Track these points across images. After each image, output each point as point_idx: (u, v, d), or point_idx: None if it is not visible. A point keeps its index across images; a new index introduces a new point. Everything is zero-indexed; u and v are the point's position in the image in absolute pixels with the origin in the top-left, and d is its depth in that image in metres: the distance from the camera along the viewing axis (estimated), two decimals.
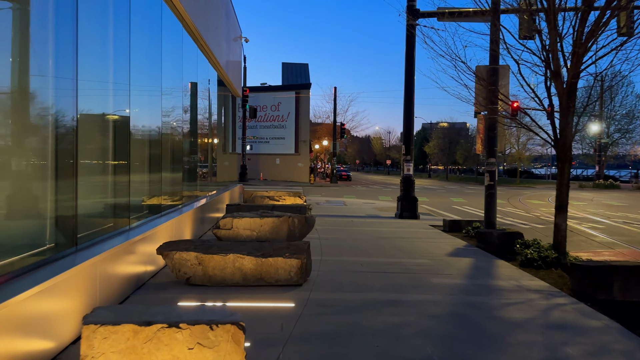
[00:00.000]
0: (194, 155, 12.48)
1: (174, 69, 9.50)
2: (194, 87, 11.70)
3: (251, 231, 9.72)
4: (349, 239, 10.78)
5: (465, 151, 67.43)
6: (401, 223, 14.42)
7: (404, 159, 16.13)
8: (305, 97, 44.31)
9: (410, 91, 15.90)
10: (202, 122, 13.30)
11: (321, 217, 15.24)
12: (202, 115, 12.87)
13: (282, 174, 44.72)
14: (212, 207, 12.29)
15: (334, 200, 22.64)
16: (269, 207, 12.80)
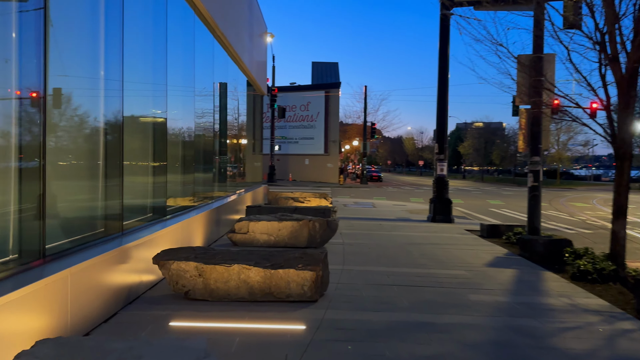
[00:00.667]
0: (215, 156, 11.83)
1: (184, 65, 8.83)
2: (217, 86, 11.06)
3: (268, 236, 8.95)
4: (375, 245, 9.86)
5: (502, 151, 65.11)
6: (434, 227, 13.38)
7: (437, 159, 15.07)
8: (334, 96, 43.46)
9: (443, 86, 14.83)
10: (223, 122, 12.65)
11: (347, 219, 14.36)
12: (220, 114, 12.21)
13: (311, 174, 44.01)
14: (231, 209, 11.59)
15: (363, 202, 21.70)
16: (291, 209, 12.03)
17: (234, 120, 14.62)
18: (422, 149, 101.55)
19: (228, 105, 13.74)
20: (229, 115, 13.93)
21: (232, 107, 14.37)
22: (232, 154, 14.33)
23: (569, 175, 76.15)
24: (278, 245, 8.99)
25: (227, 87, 13.21)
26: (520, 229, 11.66)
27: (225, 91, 12.95)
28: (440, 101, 14.89)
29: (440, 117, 14.97)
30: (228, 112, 13.76)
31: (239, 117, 15.40)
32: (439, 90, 14.86)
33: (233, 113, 14.55)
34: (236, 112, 14.99)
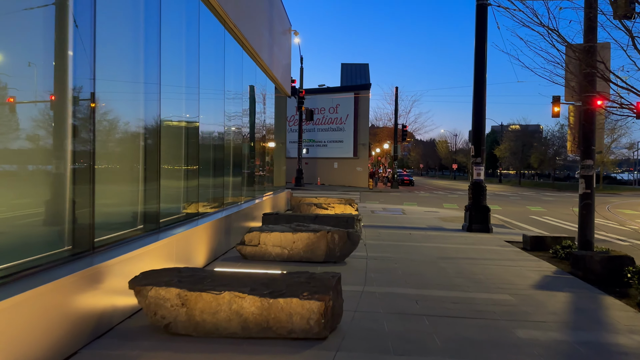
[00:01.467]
0: (235, 160, 10.97)
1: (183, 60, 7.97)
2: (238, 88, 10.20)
3: (281, 248, 7.96)
4: (403, 260, 8.73)
5: (540, 154, 62.39)
6: (470, 238, 12.11)
7: (474, 162, 13.78)
8: (364, 98, 42.31)
9: (480, 82, 13.54)
10: (243, 125, 11.80)
11: (374, 228, 13.24)
12: (240, 117, 11.33)
13: (340, 178, 42.96)
14: (246, 216, 10.68)
15: (392, 208, 20.48)
16: (311, 217, 11.03)
17: (256, 123, 13.76)
18: (455, 152, 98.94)
19: (248, 108, 12.90)
20: (249, 118, 13.09)
21: (254, 109, 13.52)
22: (254, 158, 13.47)
23: (612, 179, 72.46)
24: (292, 260, 7.99)
25: (248, 88, 12.36)
26: (569, 241, 10.30)
27: (244, 93, 12.10)
28: (477, 99, 13.61)
29: (477, 117, 13.68)
30: (249, 115, 12.91)
31: (262, 120, 14.54)
32: (475, 87, 13.59)
33: (255, 116, 13.70)
34: (258, 115, 14.13)
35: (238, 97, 11.22)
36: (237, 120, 11.62)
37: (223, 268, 7.34)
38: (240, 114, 11.84)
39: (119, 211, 5.75)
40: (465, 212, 13.86)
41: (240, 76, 11.43)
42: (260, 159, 14.50)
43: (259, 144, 14.39)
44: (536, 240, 10.82)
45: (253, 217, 11.24)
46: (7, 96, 3.98)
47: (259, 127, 14.38)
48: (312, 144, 44.39)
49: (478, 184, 13.65)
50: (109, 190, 5.45)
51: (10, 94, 4.01)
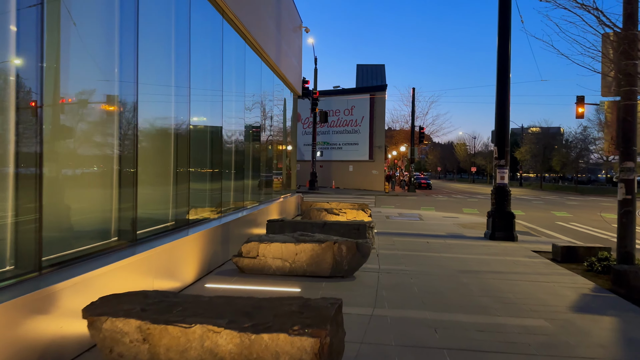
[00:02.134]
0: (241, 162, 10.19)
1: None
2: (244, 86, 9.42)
3: (283, 261, 7.10)
4: (420, 274, 7.79)
5: (563, 157, 60.56)
6: (493, 247, 11.10)
7: (497, 164, 12.74)
8: (380, 99, 41.33)
9: (504, 78, 12.52)
10: (248, 125, 11.00)
11: (388, 235, 12.30)
12: (244, 117, 10.53)
13: (355, 181, 42.01)
14: (250, 223, 9.87)
15: (408, 214, 19.48)
16: (320, 224, 10.16)
17: (265, 124, 12.97)
18: (474, 154, 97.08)
19: (253, 107, 12.11)
20: (258, 118, 12.31)
21: (262, 109, 12.73)
22: (260, 160, 12.67)
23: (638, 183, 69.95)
24: (295, 274, 7.13)
25: (254, 87, 11.57)
26: (606, 252, 9.24)
27: (249, 91, 11.31)
28: (500, 96, 12.59)
29: (500, 116, 12.65)
30: (256, 115, 12.12)
31: (271, 121, 13.74)
32: (498, 83, 12.57)
33: (263, 116, 12.90)
34: (267, 115, 13.34)
35: (240, 95, 10.42)
36: (239, 120, 10.83)
37: (215, 284, 6.51)
38: (244, 114, 11.06)
39: (85, 222, 4.96)
40: (487, 219, 12.83)
41: (242, 72, 10.65)
42: (269, 162, 13.69)
43: (267, 146, 13.59)
44: (568, 250, 9.77)
45: (257, 224, 10.41)
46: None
47: (267, 129, 13.59)
48: (327, 147, 43.53)
49: (502, 188, 12.62)
50: (72, 198, 4.66)
51: None
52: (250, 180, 11.62)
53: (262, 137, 13.14)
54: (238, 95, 10.18)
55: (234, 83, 9.86)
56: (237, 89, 10.11)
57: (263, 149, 12.85)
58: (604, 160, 63.03)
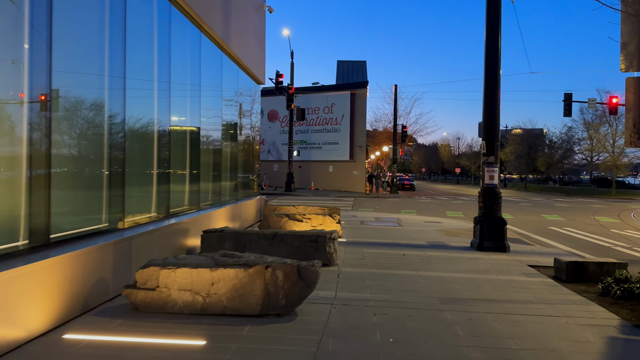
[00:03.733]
0: (183, 162, 8.13)
1: None
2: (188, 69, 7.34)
3: (193, 294, 5.05)
4: (388, 307, 5.80)
5: (548, 158, 59.48)
6: (482, 261, 9.18)
7: (485, 162, 10.84)
8: (361, 96, 39.44)
9: (493, 58, 10.61)
10: (194, 119, 8.96)
11: (358, 246, 10.31)
12: (188, 107, 8.44)
13: (335, 183, 40.04)
14: (176, 235, 7.79)
15: (386, 218, 17.52)
16: (269, 236, 8.14)
17: (219, 117, 10.91)
18: (458, 155, 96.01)
19: (207, 97, 10.06)
20: (210, 111, 10.27)
21: (218, 99, 10.66)
22: (214, 159, 10.62)
23: (621, 184, 69.25)
24: (210, 312, 5.08)
25: (197, 68, 9.50)
26: (624, 271, 7.35)
27: (192, 74, 9.25)
28: (489, 82, 10.69)
29: (489, 104, 10.75)
30: (210, 106, 10.08)
31: (228, 114, 11.67)
32: (486, 65, 10.67)
33: (216, 108, 10.85)
34: (222, 107, 11.28)
35: (183, 81, 8.34)
36: (181, 111, 8.77)
37: (80, 334, 4.41)
38: (189, 104, 9.01)
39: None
40: (474, 226, 10.93)
41: (184, 50, 8.58)
42: (224, 161, 11.62)
43: (222, 142, 11.54)
44: (575, 267, 7.88)
45: (190, 236, 8.32)
46: None
47: (222, 123, 11.53)
48: (306, 146, 41.50)
49: (491, 189, 10.72)
50: None
51: None
52: (199, 183, 9.56)
53: (213, 133, 11.09)
54: (178, 82, 8.09)
55: (180, 69, 7.79)
56: (178, 76, 8.02)
57: (214, 146, 10.78)
58: (588, 161, 62.24)
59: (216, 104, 10.83)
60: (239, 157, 12.93)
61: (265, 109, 43.56)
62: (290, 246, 8.02)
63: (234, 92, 12.34)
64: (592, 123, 52.88)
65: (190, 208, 9.18)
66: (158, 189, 7.79)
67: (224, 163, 11.53)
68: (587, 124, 56.94)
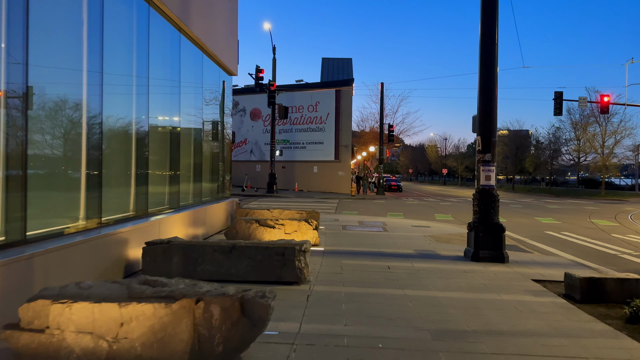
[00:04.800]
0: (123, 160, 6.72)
1: None
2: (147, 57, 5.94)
3: (97, 338, 3.61)
4: (365, 346, 4.46)
5: (535, 158, 58.89)
6: (479, 275, 7.89)
7: (481, 160, 9.57)
8: (347, 94, 38.16)
9: (489, 33, 9.34)
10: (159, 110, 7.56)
11: (337, 256, 8.96)
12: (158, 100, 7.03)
13: (320, 184, 38.71)
14: (105, 249, 6.37)
15: (371, 222, 16.20)
16: (226, 248, 6.77)
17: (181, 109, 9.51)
18: (445, 156, 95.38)
19: (166, 87, 8.66)
20: (171, 103, 8.87)
21: (180, 90, 9.26)
22: (175, 157, 9.23)
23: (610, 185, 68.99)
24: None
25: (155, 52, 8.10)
26: None
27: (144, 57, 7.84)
28: (485, 67, 9.42)
29: (485, 94, 9.48)
30: (170, 98, 8.67)
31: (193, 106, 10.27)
32: (482, 47, 9.39)
33: (167, 99, 9.45)
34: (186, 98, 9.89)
35: (128, 65, 6.93)
36: (121, 101, 7.36)
37: None
38: (149, 94, 7.61)
39: None
40: (469, 232, 9.65)
41: (124, 24, 7.17)
42: (184, 158, 10.22)
43: (179, 138, 10.15)
44: (591, 285, 6.61)
45: (128, 249, 6.90)
46: None
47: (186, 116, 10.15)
48: (290, 146, 40.09)
49: (487, 191, 9.46)
50: None
51: None
52: (150, 185, 8.15)
53: (170, 128, 9.70)
54: (118, 66, 6.67)
55: (122, 49, 6.38)
56: (118, 59, 6.61)
57: (170, 142, 9.37)
58: (575, 161, 61.79)
59: (173, 94, 9.40)
60: (205, 155, 11.51)
61: (248, 108, 42.12)
62: (252, 260, 6.65)
63: (198, 81, 10.92)
64: (580, 123, 52.28)
65: (137, 214, 7.75)
66: (89, 192, 6.36)
67: (184, 161, 10.11)
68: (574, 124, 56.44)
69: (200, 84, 10.96)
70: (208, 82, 11.57)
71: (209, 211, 11.01)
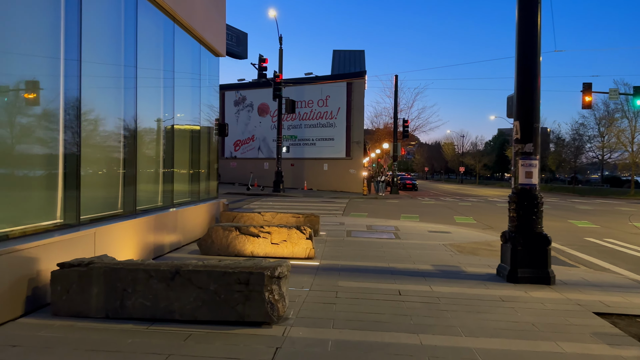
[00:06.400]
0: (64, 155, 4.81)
1: None
2: None
3: None
4: None
5: (558, 156, 56.12)
6: (522, 305, 5.83)
7: (520, 151, 7.47)
8: (359, 88, 36.06)
9: None
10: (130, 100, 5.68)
11: (333, 274, 6.94)
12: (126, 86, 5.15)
13: (330, 182, 36.72)
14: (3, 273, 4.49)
15: (381, 226, 14.14)
16: (167, 274, 4.86)
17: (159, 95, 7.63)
18: (462, 154, 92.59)
19: (145, 64, 6.80)
20: (146, 88, 6.99)
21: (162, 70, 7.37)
22: (119, 150, 7.35)
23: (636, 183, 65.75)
24: None
25: None
26: None
27: None
28: (525, 35, 7.30)
29: (525, 67, 7.37)
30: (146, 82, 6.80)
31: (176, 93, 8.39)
32: (520, 5, 7.29)
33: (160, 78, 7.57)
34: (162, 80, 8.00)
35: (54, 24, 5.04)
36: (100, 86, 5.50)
37: None
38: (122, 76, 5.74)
39: None
40: (503, 244, 7.57)
41: None
42: (143, 150, 8.33)
43: (153, 125, 8.29)
44: None
45: (39, 272, 5.00)
46: None
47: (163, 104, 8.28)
48: (299, 143, 38.15)
49: (528, 192, 7.36)
50: None
51: None
52: (105, 186, 6.28)
53: (149, 118, 7.83)
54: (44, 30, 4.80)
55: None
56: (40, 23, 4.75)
57: (131, 132, 7.47)
58: (599, 159, 58.93)
59: (128, 66, 7.49)
60: (178, 146, 9.59)
61: (255, 103, 40.33)
62: (204, 291, 4.69)
63: (168, 55, 9.00)
64: (608, 117, 49.42)
65: (66, 222, 5.85)
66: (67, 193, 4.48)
67: (147, 154, 8.21)
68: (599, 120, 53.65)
69: (171, 59, 9.03)
70: (183, 59, 9.64)
71: (182, 215, 9.09)
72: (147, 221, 7.52)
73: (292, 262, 7.93)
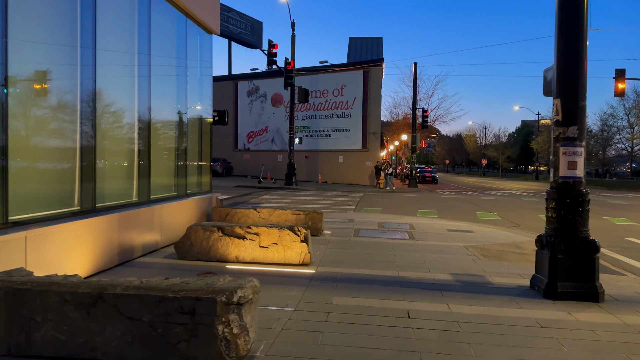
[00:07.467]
0: None
1: None
2: None
3: None
4: None
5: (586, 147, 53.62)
6: (567, 335, 4.46)
7: (560, 136, 6.04)
8: (375, 76, 34.51)
9: None
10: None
11: (331, 286, 5.63)
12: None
13: (345, 175, 35.38)
14: None
15: (394, 224, 12.76)
16: (89, 298, 3.61)
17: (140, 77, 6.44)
18: (485, 146, 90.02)
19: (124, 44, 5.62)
20: (126, 67, 5.86)
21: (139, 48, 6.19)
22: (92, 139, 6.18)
23: None
24: None
25: None
26: None
27: None
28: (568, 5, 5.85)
29: (569, 38, 5.91)
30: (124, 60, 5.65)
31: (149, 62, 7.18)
32: None
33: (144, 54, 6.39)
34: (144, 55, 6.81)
35: None
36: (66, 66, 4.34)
37: None
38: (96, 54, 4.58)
39: None
40: (538, 250, 6.18)
41: None
42: (111, 136, 7.16)
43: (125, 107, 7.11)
44: None
45: None
46: None
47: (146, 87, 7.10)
48: (313, 134, 36.84)
49: (571, 187, 5.94)
50: None
51: None
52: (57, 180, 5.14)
53: (118, 101, 6.66)
54: None
55: None
56: None
57: (89, 113, 6.29)
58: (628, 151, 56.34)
59: (85, 30, 6.29)
60: (160, 133, 8.39)
61: (269, 93, 39.12)
62: (134, 323, 3.45)
63: (143, 25, 7.77)
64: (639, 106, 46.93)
65: None
66: None
67: (110, 142, 7.02)
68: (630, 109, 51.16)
69: (147, 28, 7.80)
70: (163, 31, 8.40)
71: (160, 212, 7.90)
72: (109, 220, 6.34)
73: (283, 270, 6.67)
